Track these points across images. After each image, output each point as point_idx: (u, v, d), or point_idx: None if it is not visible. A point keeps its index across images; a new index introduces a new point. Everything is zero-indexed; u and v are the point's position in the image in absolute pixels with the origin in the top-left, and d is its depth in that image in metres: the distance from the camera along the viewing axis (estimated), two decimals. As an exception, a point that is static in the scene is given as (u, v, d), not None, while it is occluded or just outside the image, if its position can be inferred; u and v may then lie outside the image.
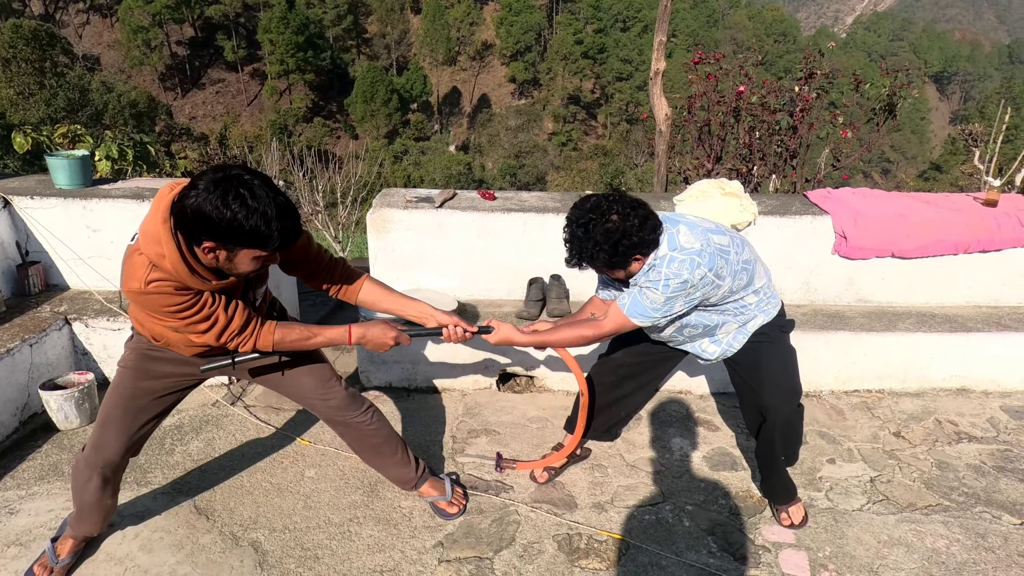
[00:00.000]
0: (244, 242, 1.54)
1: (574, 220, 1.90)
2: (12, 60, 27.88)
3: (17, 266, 3.12)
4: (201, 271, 1.61)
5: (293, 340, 1.84)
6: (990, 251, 3.27)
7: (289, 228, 1.57)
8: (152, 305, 1.63)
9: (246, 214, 1.49)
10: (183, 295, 1.62)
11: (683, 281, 1.89)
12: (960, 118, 63.40)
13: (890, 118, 4.86)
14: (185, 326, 1.67)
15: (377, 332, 1.94)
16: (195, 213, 1.49)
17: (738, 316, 2.10)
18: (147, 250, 1.57)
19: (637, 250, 1.88)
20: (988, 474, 2.59)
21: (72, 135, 5.94)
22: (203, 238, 1.52)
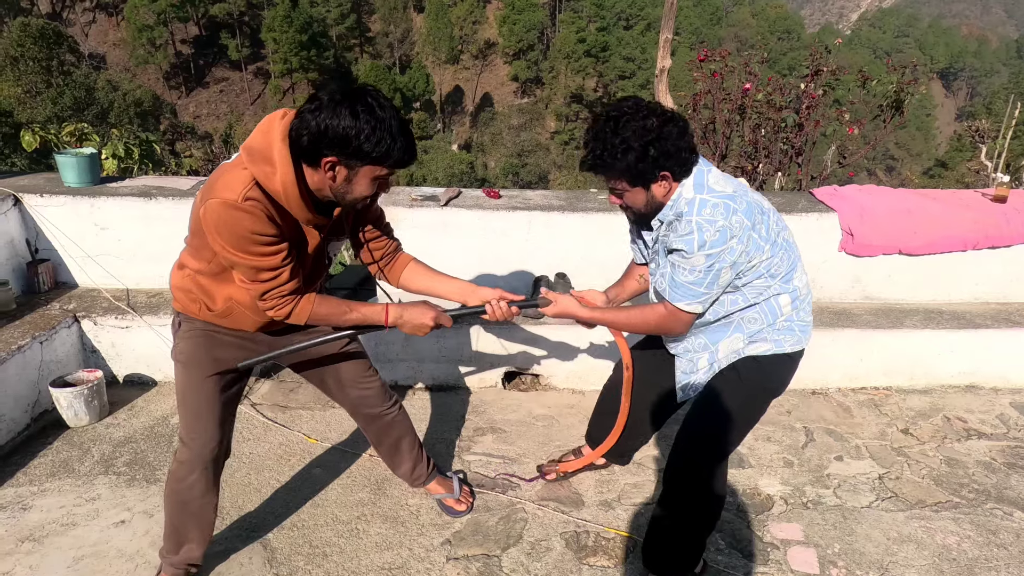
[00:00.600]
0: (367, 156, 1.46)
1: (605, 114, 1.60)
2: (20, 59, 28.04)
3: (27, 264, 3.14)
4: (309, 198, 1.55)
5: (328, 312, 1.73)
6: (999, 247, 3.25)
7: (410, 144, 1.51)
8: (236, 224, 1.48)
9: (374, 125, 1.43)
10: (272, 226, 1.52)
11: (719, 231, 1.56)
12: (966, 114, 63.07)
13: (897, 115, 4.84)
14: (252, 263, 1.53)
15: (416, 313, 1.81)
16: (320, 127, 1.43)
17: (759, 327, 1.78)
18: (254, 167, 1.48)
19: (668, 163, 1.57)
20: (999, 471, 2.59)
21: (79, 133, 5.98)
22: (326, 153, 1.45)
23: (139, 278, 3.26)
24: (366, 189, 1.54)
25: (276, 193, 1.50)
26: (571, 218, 3.21)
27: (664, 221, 1.70)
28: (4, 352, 2.57)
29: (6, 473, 2.43)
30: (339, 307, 1.75)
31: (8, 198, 3.07)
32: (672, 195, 1.66)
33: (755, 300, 1.75)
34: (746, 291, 1.74)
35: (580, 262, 3.26)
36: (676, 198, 1.65)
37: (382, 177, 1.54)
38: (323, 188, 1.54)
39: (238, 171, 1.50)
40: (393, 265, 1.97)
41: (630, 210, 1.73)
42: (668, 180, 1.62)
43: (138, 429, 2.73)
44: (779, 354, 1.80)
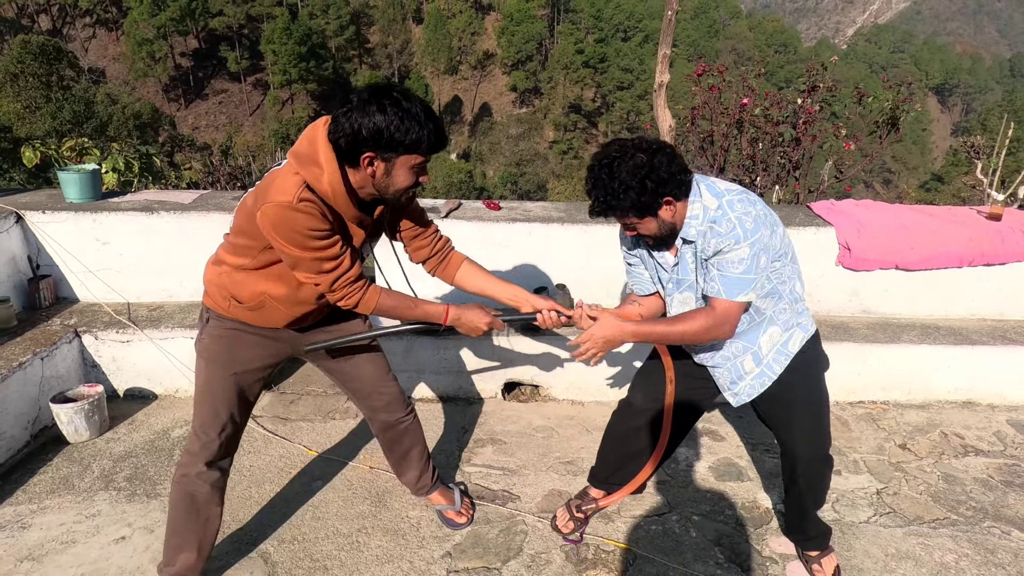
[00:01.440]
0: (400, 145, 1.55)
1: (597, 163, 1.71)
2: (20, 75, 28.17)
3: (28, 280, 3.15)
4: (354, 195, 1.65)
5: (393, 306, 1.82)
6: (994, 264, 3.28)
7: (439, 128, 1.60)
8: (294, 223, 1.58)
9: (401, 115, 1.52)
10: (325, 222, 1.62)
11: (755, 217, 1.69)
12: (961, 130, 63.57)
13: (893, 131, 4.90)
14: (314, 257, 1.63)
15: (473, 316, 1.91)
16: (354, 127, 1.52)
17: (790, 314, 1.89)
18: (302, 170, 1.59)
19: (667, 189, 1.68)
20: (996, 488, 2.60)
21: (79, 148, 6.01)
22: (363, 150, 1.55)
23: (140, 292, 3.28)
24: (406, 179, 1.63)
25: (325, 193, 1.60)
26: (571, 229, 3.24)
27: (687, 238, 1.79)
28: (5, 369, 2.58)
29: (5, 491, 2.43)
30: (405, 300, 1.85)
31: (10, 215, 3.09)
32: (684, 213, 1.76)
33: (780, 291, 1.86)
34: (770, 280, 1.83)
35: (580, 273, 3.28)
36: (698, 213, 1.75)
37: (419, 165, 1.63)
38: (366, 185, 1.64)
39: (289, 176, 1.60)
40: (447, 264, 2.04)
41: (648, 237, 1.81)
42: (672, 203, 1.72)
43: (139, 443, 2.74)
44: (809, 337, 1.96)
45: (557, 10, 72.24)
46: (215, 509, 1.94)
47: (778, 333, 1.92)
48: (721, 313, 1.77)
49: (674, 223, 1.76)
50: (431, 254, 2.01)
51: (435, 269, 2.04)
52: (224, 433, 1.89)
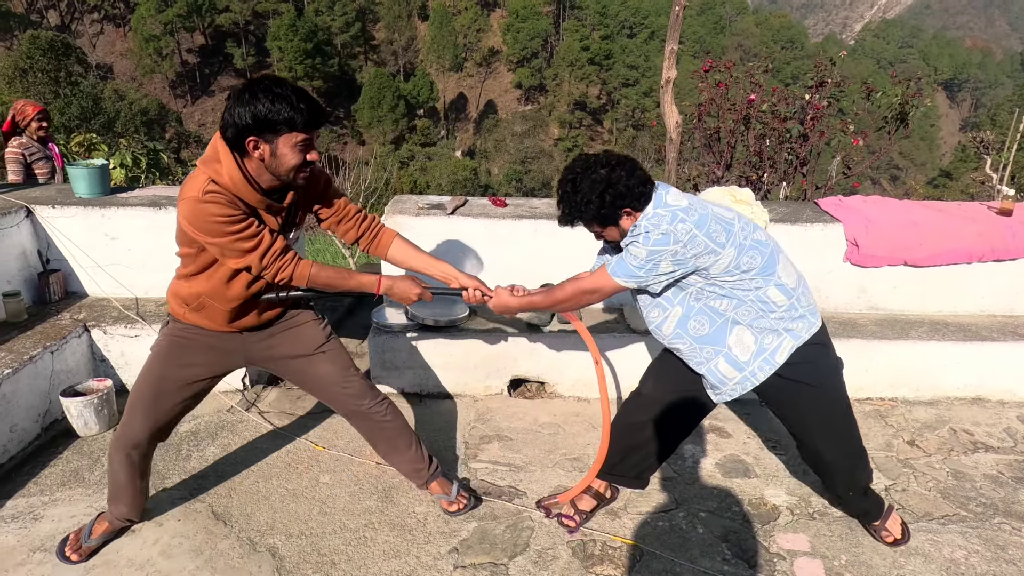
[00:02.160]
0: (278, 127, 1.67)
1: (564, 178, 1.91)
2: (29, 70, 28.31)
3: (38, 274, 3.17)
4: (254, 182, 1.76)
5: (328, 276, 1.93)
6: (1005, 260, 3.26)
7: (312, 105, 1.71)
8: (206, 215, 1.72)
9: (272, 98, 1.65)
10: (235, 208, 1.74)
11: (663, 233, 1.81)
12: (971, 125, 63.06)
13: (901, 127, 4.86)
14: (233, 240, 1.76)
15: (404, 285, 2.03)
16: (234, 118, 1.66)
17: (758, 317, 1.91)
18: (205, 168, 1.74)
19: (625, 201, 1.85)
20: (1006, 485, 2.58)
21: (87, 144, 6.05)
22: (246, 136, 1.68)
23: (148, 287, 3.29)
24: (293, 157, 1.73)
25: (227, 185, 1.73)
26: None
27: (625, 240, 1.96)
28: (16, 363, 2.60)
29: (18, 483, 2.45)
30: (339, 272, 1.97)
31: (21, 210, 3.11)
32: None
33: (739, 296, 1.91)
34: (723, 287, 1.91)
35: (585, 269, 3.27)
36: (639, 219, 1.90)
37: (301, 142, 1.72)
38: (261, 171, 1.76)
39: (196, 175, 1.76)
40: (378, 242, 2.16)
41: (612, 242, 2.02)
42: (632, 213, 1.88)
43: (147, 437, 2.75)
44: (803, 344, 1.95)
45: (563, 7, 72.00)
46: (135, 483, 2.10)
47: (749, 336, 1.94)
48: (595, 280, 1.99)
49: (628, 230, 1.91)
50: (359, 234, 2.13)
51: (368, 247, 2.17)
52: (136, 428, 2.02)
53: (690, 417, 2.20)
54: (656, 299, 2.01)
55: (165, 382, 2.01)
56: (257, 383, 3.22)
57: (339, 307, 4.06)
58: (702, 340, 1.97)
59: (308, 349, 2.11)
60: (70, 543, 2.09)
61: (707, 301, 1.93)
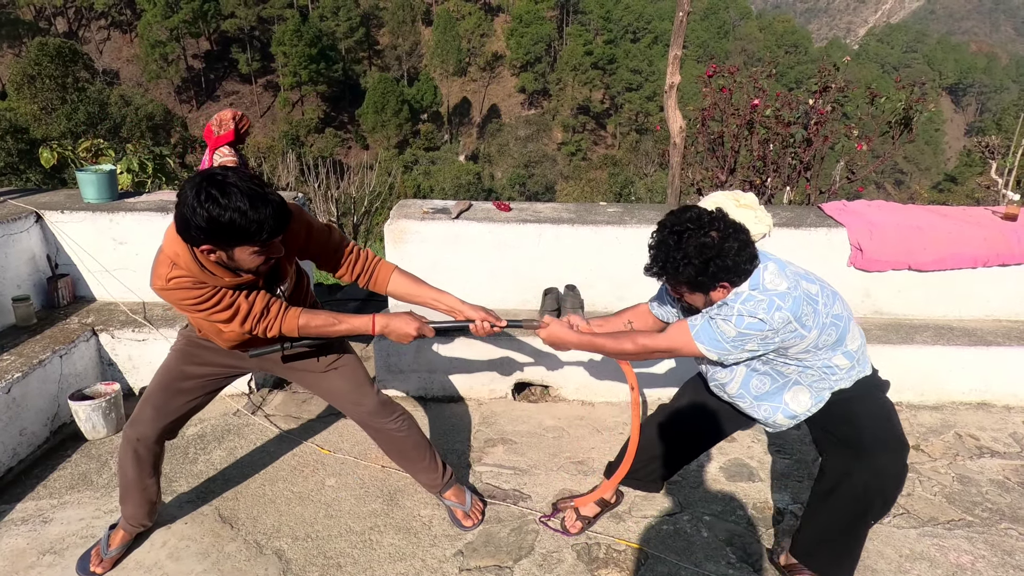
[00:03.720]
0: (232, 239, 1.58)
1: (668, 226, 1.73)
2: (37, 77, 28.51)
3: (47, 279, 3.20)
4: (213, 269, 1.69)
5: (318, 325, 1.87)
6: (1010, 265, 3.26)
7: (268, 216, 1.58)
8: (174, 299, 1.72)
9: (219, 212, 1.53)
10: (201, 288, 1.70)
11: (759, 320, 1.70)
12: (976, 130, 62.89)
13: (906, 131, 4.86)
14: (207, 317, 1.74)
15: (400, 323, 1.93)
16: (182, 221, 1.58)
17: (820, 380, 1.86)
18: (167, 249, 1.69)
19: (727, 275, 1.71)
20: (1013, 490, 2.58)
21: (95, 149, 6.09)
22: (199, 241, 1.60)
23: (156, 291, 3.32)
24: (252, 261, 1.66)
25: (188, 272, 1.68)
26: (581, 231, 3.24)
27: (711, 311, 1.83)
28: (25, 366, 2.62)
29: (27, 486, 2.47)
30: (328, 319, 1.88)
31: (31, 215, 3.14)
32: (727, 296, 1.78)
33: (807, 364, 1.84)
34: (797, 359, 1.84)
35: (589, 274, 3.29)
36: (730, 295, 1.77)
37: (259, 250, 1.64)
38: (219, 268, 1.69)
39: (159, 256, 1.72)
40: (376, 277, 2.06)
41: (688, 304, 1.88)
42: (726, 288, 1.75)
43: (154, 441, 2.77)
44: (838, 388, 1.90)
45: (566, 11, 72.21)
46: (145, 482, 2.07)
47: (806, 395, 1.90)
48: (673, 340, 1.84)
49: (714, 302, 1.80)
50: (358, 273, 2.04)
51: (367, 284, 2.07)
52: (144, 425, 2.00)
53: (719, 434, 2.17)
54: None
55: (179, 379, 2.02)
56: (263, 386, 3.24)
57: (344, 311, 4.08)
58: (761, 398, 1.93)
59: (320, 367, 2.09)
60: (93, 558, 2.07)
61: (774, 366, 1.87)
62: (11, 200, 3.32)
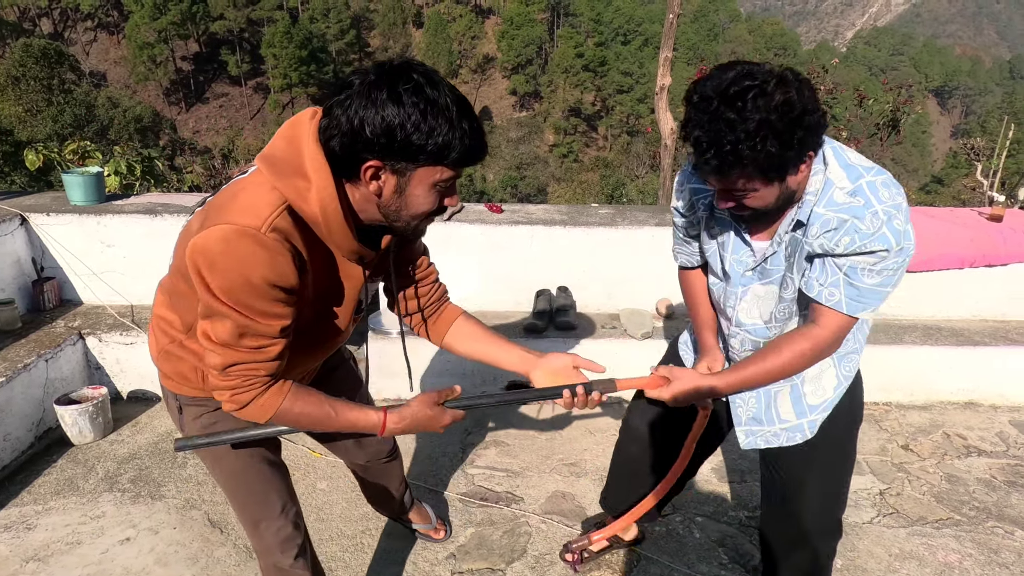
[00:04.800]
0: (420, 153, 1.07)
1: (716, 94, 1.14)
2: (22, 78, 28.26)
3: (32, 282, 3.16)
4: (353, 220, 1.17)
5: (302, 412, 1.26)
6: (996, 265, 3.29)
7: (477, 131, 1.10)
8: (246, 263, 1.06)
9: (425, 109, 1.04)
10: (293, 275, 1.12)
11: (906, 213, 1.23)
12: (961, 132, 63.68)
13: (894, 133, 4.92)
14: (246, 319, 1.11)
15: (422, 421, 1.36)
16: (354, 123, 1.05)
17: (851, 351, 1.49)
18: (283, 183, 1.10)
19: (815, 138, 1.18)
20: (999, 489, 2.60)
21: (81, 151, 6.03)
22: (366, 156, 1.07)
23: (143, 294, 3.28)
24: (426, 201, 1.14)
25: (313, 217, 1.12)
26: (573, 232, 3.24)
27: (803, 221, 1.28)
28: (9, 371, 2.59)
29: (11, 492, 2.43)
30: (320, 407, 1.27)
31: (15, 218, 3.10)
32: (806, 178, 1.26)
33: None
34: None
35: (582, 276, 3.29)
36: (818, 188, 1.26)
37: (444, 182, 1.13)
38: (368, 208, 1.16)
39: (262, 190, 1.10)
40: (438, 318, 1.56)
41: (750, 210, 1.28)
42: (808, 164, 1.23)
43: (142, 445, 2.74)
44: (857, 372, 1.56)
45: (557, 14, 72.45)
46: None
47: (830, 372, 1.49)
48: (832, 331, 1.33)
49: (794, 193, 1.27)
50: (426, 304, 1.54)
51: (422, 324, 1.56)
52: (290, 510, 1.51)
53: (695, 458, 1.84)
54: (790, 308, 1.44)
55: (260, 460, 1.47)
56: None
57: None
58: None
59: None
60: None
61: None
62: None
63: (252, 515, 1.48)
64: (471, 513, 2.38)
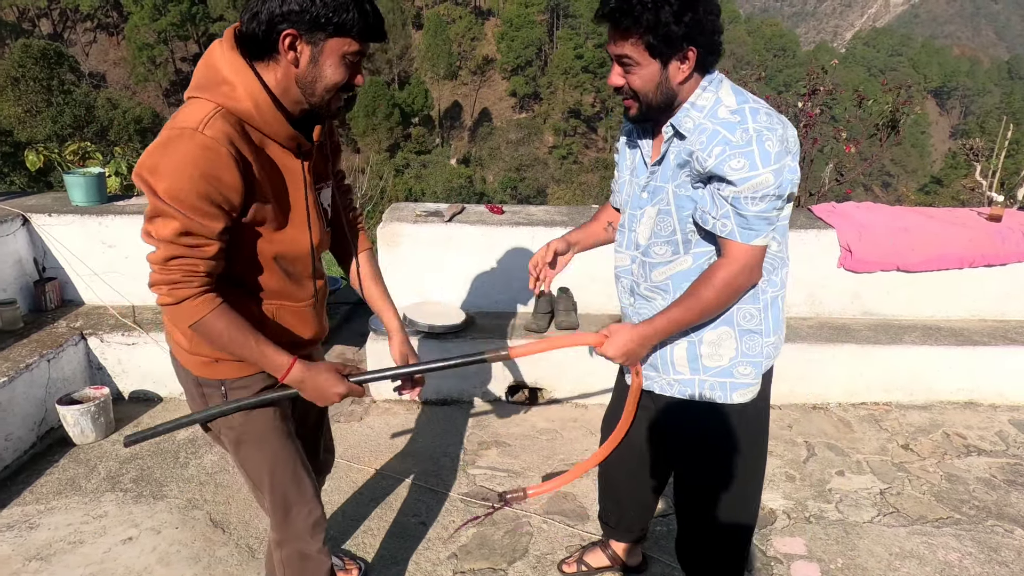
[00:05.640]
0: (328, 24, 1.21)
1: None
2: (21, 79, 28.26)
3: (34, 282, 3.17)
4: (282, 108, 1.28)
5: (226, 332, 1.29)
6: (995, 265, 3.30)
7: (375, 11, 1.27)
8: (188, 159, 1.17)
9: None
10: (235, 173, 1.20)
11: (781, 138, 1.30)
12: (960, 132, 63.78)
13: (893, 134, 4.93)
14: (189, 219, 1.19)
15: (322, 381, 1.38)
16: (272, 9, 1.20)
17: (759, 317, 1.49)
18: (211, 93, 1.22)
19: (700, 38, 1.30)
20: (999, 488, 2.61)
21: (82, 152, 6.03)
22: (283, 27, 1.20)
23: (145, 294, 3.28)
24: (336, 73, 1.27)
25: (247, 112, 1.23)
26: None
27: (680, 130, 1.39)
28: (12, 371, 2.59)
29: (13, 492, 2.44)
30: (243, 332, 1.30)
31: (17, 218, 3.11)
32: (689, 92, 1.37)
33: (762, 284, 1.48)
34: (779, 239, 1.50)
35: (582, 277, 3.29)
36: (705, 104, 1.36)
37: (352, 55, 1.27)
38: (289, 88, 1.27)
39: (195, 105, 1.22)
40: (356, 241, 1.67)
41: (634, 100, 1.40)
42: (690, 63, 1.33)
43: (144, 445, 2.75)
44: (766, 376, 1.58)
45: (556, 15, 72.51)
46: None
47: (729, 339, 1.50)
48: (740, 260, 1.38)
49: (674, 94, 1.37)
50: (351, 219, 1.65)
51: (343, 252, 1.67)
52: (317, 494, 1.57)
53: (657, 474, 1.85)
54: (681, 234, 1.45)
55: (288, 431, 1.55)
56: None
57: (337, 314, 4.06)
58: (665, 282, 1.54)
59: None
60: None
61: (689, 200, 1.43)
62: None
63: (285, 500, 1.50)
64: (473, 513, 2.39)
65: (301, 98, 1.29)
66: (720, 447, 1.59)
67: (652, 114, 1.42)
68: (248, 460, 1.49)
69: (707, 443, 1.60)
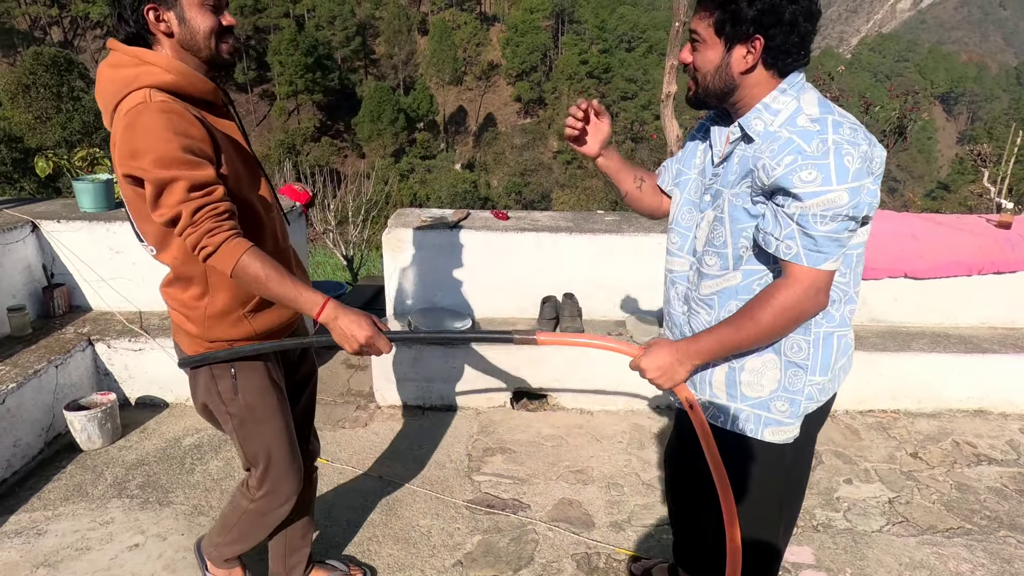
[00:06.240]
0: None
1: None
2: (32, 86, 28.53)
3: (43, 288, 3.19)
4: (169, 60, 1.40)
5: (262, 272, 1.37)
6: (1004, 272, 3.28)
7: None
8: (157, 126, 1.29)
9: None
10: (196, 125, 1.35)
11: (863, 155, 1.19)
12: (967, 138, 63.52)
13: (900, 140, 4.91)
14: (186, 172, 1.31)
15: (350, 322, 1.42)
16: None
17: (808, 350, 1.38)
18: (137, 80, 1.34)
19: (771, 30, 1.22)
20: (1011, 498, 2.58)
21: (91, 158, 6.07)
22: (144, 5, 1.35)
23: (152, 300, 3.30)
24: (205, 19, 1.40)
25: (172, 81, 1.36)
26: (579, 239, 3.25)
27: (748, 131, 1.30)
28: (20, 377, 2.60)
29: (21, 498, 2.45)
30: (278, 270, 1.39)
31: (26, 224, 3.13)
32: (763, 93, 1.29)
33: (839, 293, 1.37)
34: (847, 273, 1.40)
35: (587, 283, 3.29)
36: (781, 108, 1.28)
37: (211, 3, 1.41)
38: (179, 54, 1.41)
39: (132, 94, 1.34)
40: None
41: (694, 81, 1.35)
42: (755, 53, 1.25)
43: (150, 451, 2.75)
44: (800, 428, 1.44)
45: (561, 21, 72.75)
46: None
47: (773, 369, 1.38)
48: (803, 284, 1.25)
49: (735, 84, 1.30)
50: None
51: None
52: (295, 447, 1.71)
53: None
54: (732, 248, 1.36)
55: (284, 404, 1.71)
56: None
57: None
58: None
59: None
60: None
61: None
62: (7, 210, 3.30)
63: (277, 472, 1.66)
64: (478, 520, 2.38)
65: (195, 60, 1.43)
66: (738, 484, 1.43)
67: (708, 100, 1.35)
68: (249, 438, 1.63)
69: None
